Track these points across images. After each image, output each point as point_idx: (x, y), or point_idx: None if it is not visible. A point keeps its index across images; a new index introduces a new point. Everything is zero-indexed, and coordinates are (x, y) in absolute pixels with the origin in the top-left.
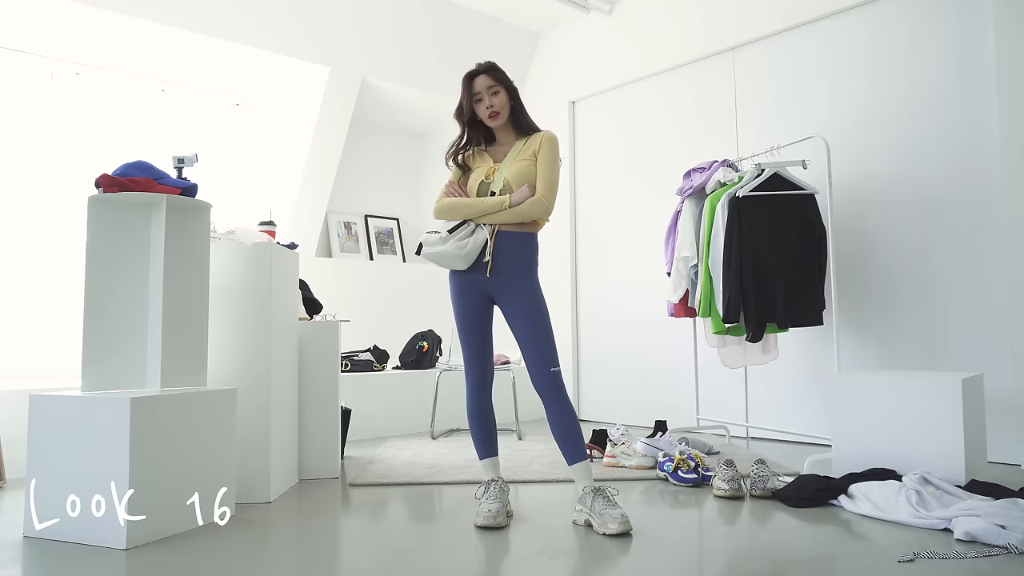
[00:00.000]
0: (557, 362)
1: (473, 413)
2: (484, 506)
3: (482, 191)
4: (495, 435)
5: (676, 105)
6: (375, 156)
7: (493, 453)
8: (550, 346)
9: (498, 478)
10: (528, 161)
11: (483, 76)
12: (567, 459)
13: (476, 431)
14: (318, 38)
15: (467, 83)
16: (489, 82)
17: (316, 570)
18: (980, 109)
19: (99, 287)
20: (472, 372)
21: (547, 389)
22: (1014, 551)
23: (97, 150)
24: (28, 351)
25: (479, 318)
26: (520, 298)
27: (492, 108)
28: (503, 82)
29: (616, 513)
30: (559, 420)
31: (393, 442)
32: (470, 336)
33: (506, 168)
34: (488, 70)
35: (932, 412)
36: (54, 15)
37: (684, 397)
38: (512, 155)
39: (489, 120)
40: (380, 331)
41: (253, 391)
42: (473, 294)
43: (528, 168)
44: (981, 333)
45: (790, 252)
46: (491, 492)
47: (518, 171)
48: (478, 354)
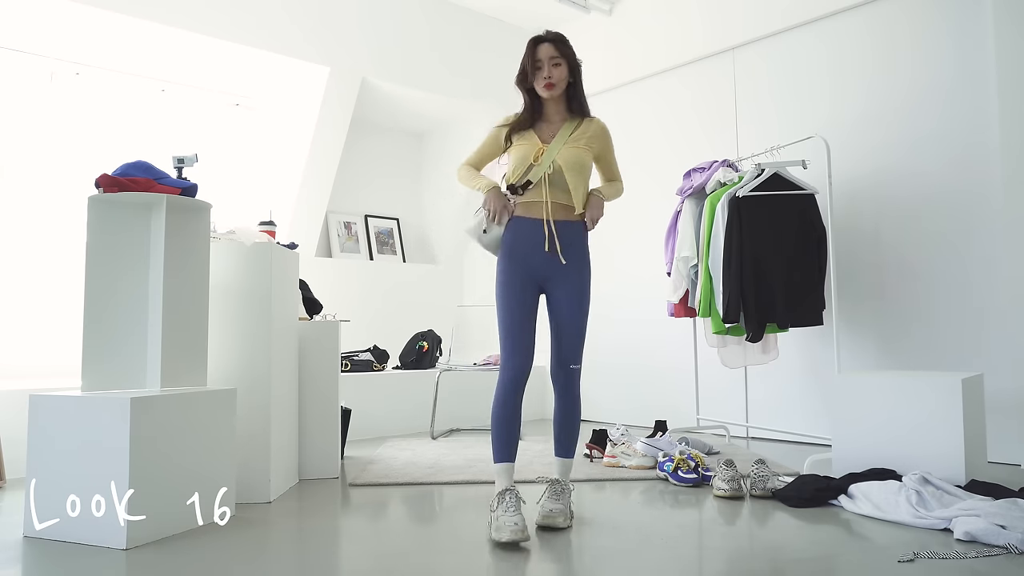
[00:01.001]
0: (580, 360)
1: (503, 412)
2: (507, 519)
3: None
4: (518, 438)
5: (676, 105)
6: (375, 156)
7: (513, 458)
8: (580, 342)
9: (513, 487)
10: (582, 149)
11: (548, 45)
12: (555, 450)
13: (502, 432)
14: (318, 38)
15: (532, 48)
16: (552, 52)
17: (316, 570)
18: (980, 108)
19: (99, 287)
20: (512, 365)
21: (562, 382)
22: (1014, 551)
23: (97, 150)
24: (28, 351)
25: (530, 306)
26: (574, 286)
27: (550, 79)
28: (567, 55)
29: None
30: (563, 415)
31: (393, 442)
32: (517, 324)
33: (555, 151)
34: (554, 40)
35: (932, 412)
36: (54, 15)
37: (684, 397)
38: (562, 137)
39: (543, 90)
40: (380, 331)
41: (253, 391)
42: (526, 282)
43: (582, 157)
44: (981, 333)
45: (790, 252)
46: (509, 503)
47: (571, 158)
48: (521, 342)
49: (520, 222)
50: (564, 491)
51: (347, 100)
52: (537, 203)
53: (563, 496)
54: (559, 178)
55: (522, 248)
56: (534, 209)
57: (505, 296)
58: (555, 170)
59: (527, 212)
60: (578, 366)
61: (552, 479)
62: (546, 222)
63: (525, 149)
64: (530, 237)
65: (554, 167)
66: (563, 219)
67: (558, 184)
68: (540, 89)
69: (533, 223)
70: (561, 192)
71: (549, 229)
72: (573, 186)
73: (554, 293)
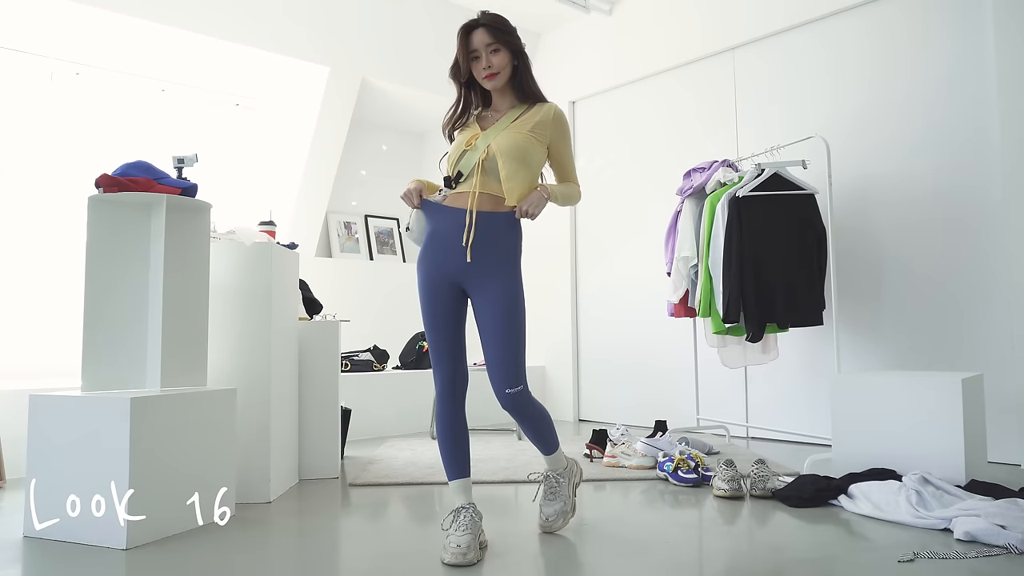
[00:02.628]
0: (522, 378)
1: (442, 426)
2: (452, 539)
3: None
4: (468, 452)
5: (676, 105)
6: (375, 156)
7: (465, 473)
8: (514, 360)
9: (470, 504)
10: (525, 136)
11: (482, 31)
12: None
13: (445, 446)
14: (318, 38)
15: (463, 37)
16: (487, 39)
17: (316, 570)
18: (980, 108)
19: (99, 287)
20: (439, 373)
21: (509, 407)
22: (1014, 551)
23: (97, 150)
24: (28, 351)
25: (449, 310)
26: (497, 292)
27: (490, 68)
28: (505, 40)
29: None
30: (529, 429)
31: (393, 442)
32: (437, 331)
33: (493, 135)
34: (488, 24)
35: (932, 412)
36: (54, 15)
37: (684, 397)
38: (504, 122)
39: (485, 81)
40: (380, 331)
41: (253, 391)
42: (443, 282)
43: (525, 143)
44: (981, 333)
45: (790, 252)
46: (461, 522)
47: (511, 143)
48: (447, 352)
49: (441, 211)
50: (558, 486)
51: (347, 100)
52: (465, 193)
53: (558, 492)
54: (492, 165)
55: (439, 240)
56: (461, 199)
57: (422, 296)
58: (488, 156)
59: (454, 202)
60: (517, 388)
61: (543, 474)
62: (469, 212)
63: (461, 137)
64: (448, 228)
65: (488, 153)
66: (491, 211)
67: (491, 172)
68: (482, 81)
69: (455, 213)
70: (495, 182)
71: (469, 220)
72: (506, 174)
73: (475, 300)
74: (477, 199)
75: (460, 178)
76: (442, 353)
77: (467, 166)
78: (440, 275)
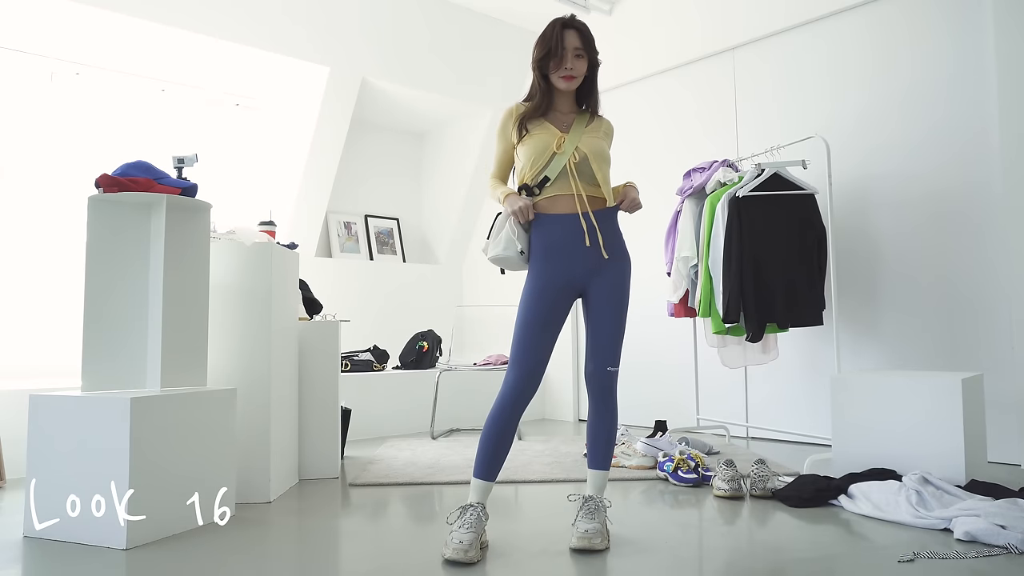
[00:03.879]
0: (618, 362)
1: (495, 427)
2: (455, 535)
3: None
4: (505, 458)
5: (676, 105)
6: (375, 156)
7: (493, 477)
8: (619, 343)
9: (479, 503)
10: (604, 141)
11: (575, 33)
12: (589, 461)
13: (489, 448)
14: (318, 38)
15: (559, 33)
16: (577, 43)
17: (316, 570)
18: (980, 108)
19: (99, 287)
20: (520, 370)
21: (600, 386)
22: (1014, 551)
23: (97, 150)
24: (28, 351)
25: (561, 314)
26: (616, 282)
27: (571, 71)
28: (591, 49)
29: (583, 527)
30: (599, 422)
31: (393, 442)
32: (546, 333)
33: (577, 138)
34: (582, 29)
35: (932, 412)
36: (54, 15)
37: (684, 397)
38: (580, 126)
39: (560, 81)
40: (380, 331)
41: (253, 391)
42: (565, 287)
43: (604, 147)
44: (981, 333)
45: (790, 252)
46: (467, 519)
47: (594, 146)
48: (541, 351)
49: (549, 219)
50: (599, 509)
51: (347, 100)
52: (564, 196)
53: (598, 514)
54: (585, 167)
55: (559, 247)
56: (561, 204)
57: (536, 301)
58: (580, 158)
59: (553, 208)
60: (616, 369)
61: (586, 496)
62: (582, 214)
63: (543, 139)
64: (565, 234)
65: (579, 155)
66: (599, 209)
67: (584, 174)
68: (557, 79)
69: (565, 218)
70: (588, 184)
71: (588, 221)
72: (603, 176)
73: (595, 291)
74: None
75: (545, 183)
76: (535, 351)
77: (555, 171)
78: (563, 280)
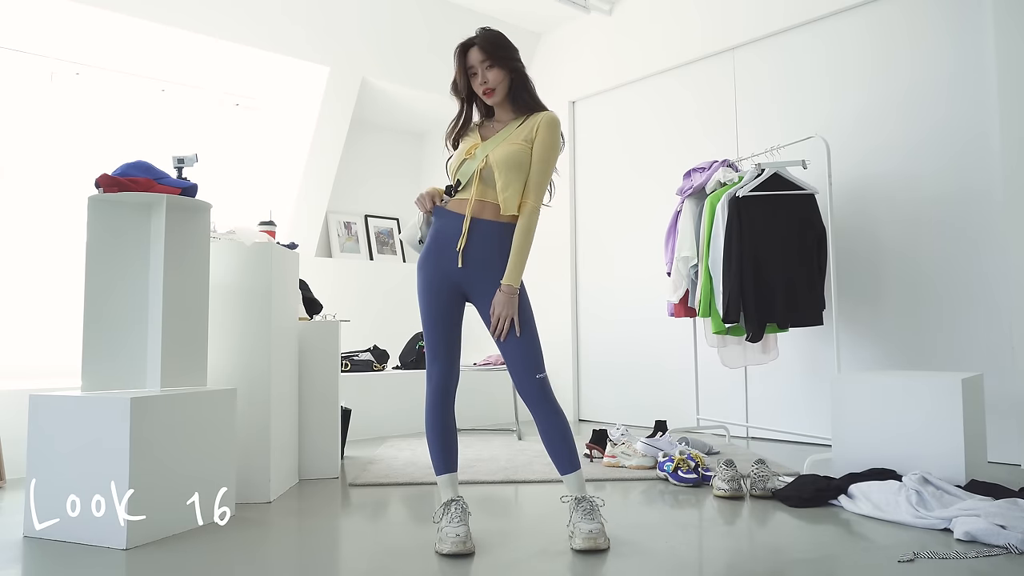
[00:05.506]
0: (542, 367)
1: (433, 422)
2: (449, 530)
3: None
4: (456, 447)
5: (676, 105)
6: (375, 156)
7: (453, 468)
8: (533, 350)
9: (458, 497)
10: (520, 146)
11: (476, 49)
12: (559, 469)
13: (436, 442)
14: (318, 38)
15: (460, 55)
16: (481, 56)
17: (316, 570)
18: (980, 108)
19: (99, 287)
20: (434, 371)
21: (532, 397)
22: (1014, 551)
23: (97, 150)
24: (28, 351)
25: (446, 311)
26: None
27: (486, 84)
28: (498, 55)
29: (586, 528)
30: (548, 429)
31: (393, 442)
32: (436, 331)
33: (491, 146)
34: (481, 43)
35: (932, 412)
36: (54, 15)
37: (684, 397)
38: (504, 133)
39: (484, 97)
40: (380, 331)
41: (253, 391)
42: (442, 285)
43: (519, 154)
44: (981, 333)
45: (790, 252)
46: (454, 513)
47: (506, 154)
48: (443, 352)
49: (440, 214)
50: (595, 507)
51: (347, 100)
52: (465, 200)
53: (596, 514)
54: (489, 174)
55: (440, 242)
56: (460, 205)
57: (421, 296)
58: (486, 166)
59: (455, 207)
60: (544, 374)
61: (577, 497)
62: (467, 218)
63: (464, 147)
64: (446, 232)
65: (485, 163)
66: (488, 219)
67: (488, 181)
68: (482, 97)
69: (454, 217)
70: (492, 191)
71: (464, 226)
72: (502, 184)
73: (478, 304)
74: (474, 206)
75: (459, 186)
76: (438, 352)
77: (465, 175)
78: (439, 276)
